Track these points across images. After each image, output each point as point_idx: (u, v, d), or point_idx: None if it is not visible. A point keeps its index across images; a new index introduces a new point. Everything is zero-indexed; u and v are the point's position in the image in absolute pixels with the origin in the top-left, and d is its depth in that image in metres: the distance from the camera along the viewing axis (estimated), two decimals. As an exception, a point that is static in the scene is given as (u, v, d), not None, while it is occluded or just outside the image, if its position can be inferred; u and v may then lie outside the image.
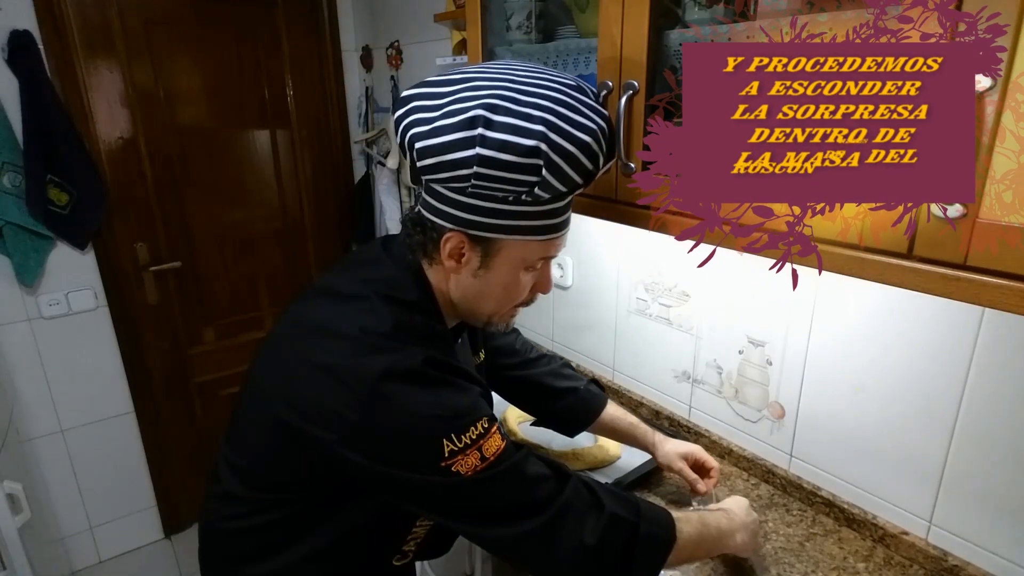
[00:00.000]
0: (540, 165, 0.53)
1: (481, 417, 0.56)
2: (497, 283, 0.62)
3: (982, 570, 0.75)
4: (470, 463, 0.54)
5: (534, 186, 0.54)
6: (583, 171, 0.56)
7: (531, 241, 0.60)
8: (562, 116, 0.53)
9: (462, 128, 0.52)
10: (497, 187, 0.55)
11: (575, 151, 0.54)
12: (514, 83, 0.55)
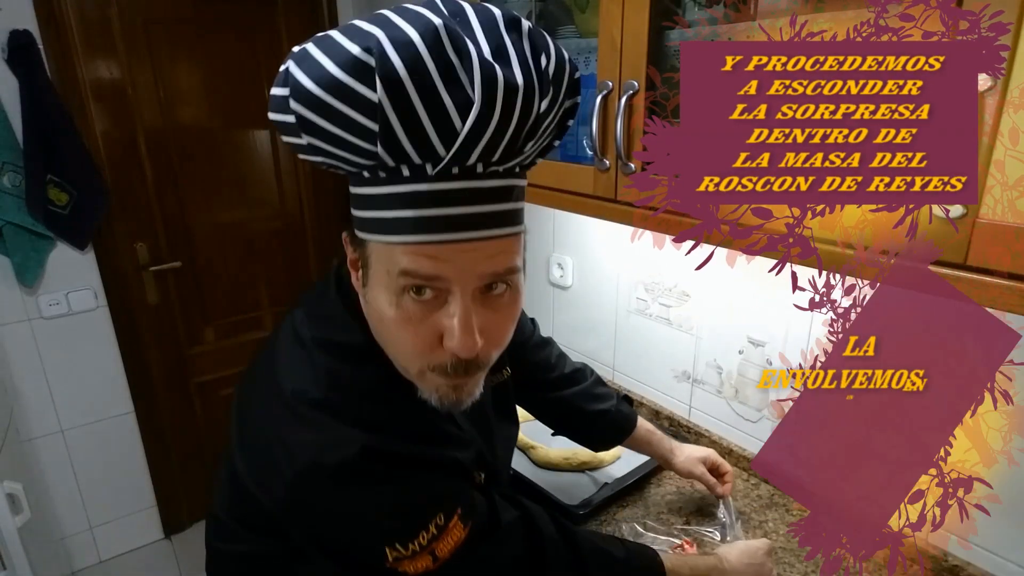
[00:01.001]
0: (359, 95, 0.35)
1: (434, 515, 0.46)
2: (378, 309, 0.44)
3: (982, 570, 0.75)
4: (420, 565, 0.46)
5: (370, 141, 0.37)
6: (360, 106, 0.36)
7: (389, 244, 0.40)
8: (390, 22, 0.36)
9: (278, 84, 0.39)
10: (331, 149, 0.39)
11: (321, 85, 0.36)
12: None
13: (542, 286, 1.40)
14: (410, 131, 0.36)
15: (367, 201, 0.41)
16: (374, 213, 0.41)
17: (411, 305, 0.42)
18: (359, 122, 0.36)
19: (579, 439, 0.92)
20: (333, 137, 0.38)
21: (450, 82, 0.35)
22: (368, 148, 0.37)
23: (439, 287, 0.41)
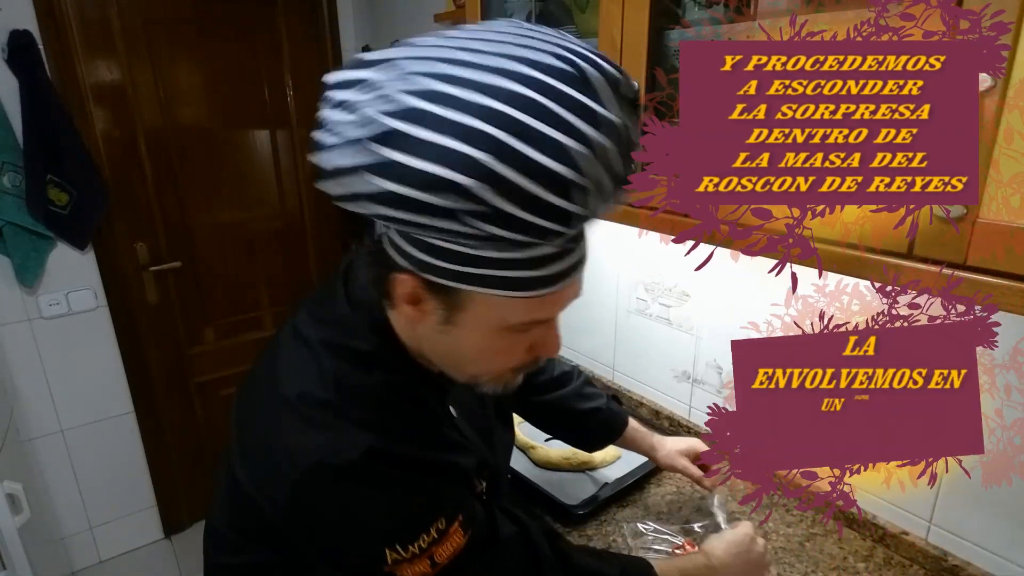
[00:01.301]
0: (456, 210, 0.36)
1: (435, 519, 0.46)
2: (470, 344, 0.47)
3: (982, 570, 0.75)
4: (418, 570, 0.46)
5: (467, 237, 0.38)
6: (545, 211, 0.36)
7: (511, 298, 0.42)
8: (511, 124, 0.34)
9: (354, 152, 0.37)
10: (425, 224, 0.38)
11: (523, 183, 0.35)
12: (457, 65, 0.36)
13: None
14: None
15: (482, 263, 0.40)
16: (486, 272, 0.41)
17: (516, 337, 0.47)
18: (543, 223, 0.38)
19: (571, 440, 0.92)
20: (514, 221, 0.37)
21: (616, 177, 0.39)
22: (500, 234, 0.38)
23: (547, 320, 0.47)
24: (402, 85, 0.36)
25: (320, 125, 0.40)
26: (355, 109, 0.38)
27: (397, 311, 0.48)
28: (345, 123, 0.38)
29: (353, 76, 0.40)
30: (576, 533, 0.86)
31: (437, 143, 0.35)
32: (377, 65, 0.39)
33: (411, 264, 0.43)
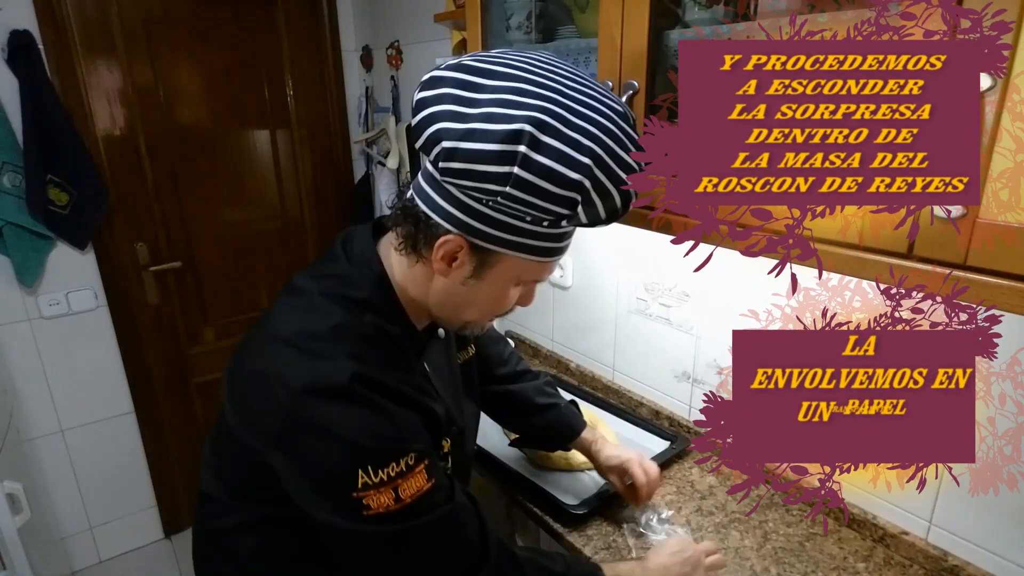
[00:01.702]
0: (578, 200, 0.49)
1: (407, 452, 0.51)
2: (486, 294, 0.58)
3: (982, 570, 0.75)
4: (382, 501, 0.50)
5: (563, 218, 0.51)
6: (613, 211, 0.52)
7: (532, 261, 0.55)
8: (610, 151, 0.48)
9: (503, 140, 0.46)
10: (523, 209, 0.50)
11: (614, 191, 0.50)
12: (564, 96, 0.49)
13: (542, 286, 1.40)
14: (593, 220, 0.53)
15: (529, 234, 0.53)
16: (527, 241, 0.54)
17: (517, 289, 0.60)
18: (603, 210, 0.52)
19: (526, 433, 0.93)
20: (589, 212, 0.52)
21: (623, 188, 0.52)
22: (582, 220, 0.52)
23: None
24: (526, 103, 0.48)
25: (444, 114, 0.49)
26: (479, 106, 0.48)
27: (421, 265, 0.57)
28: (473, 112, 0.48)
29: (459, 76, 0.50)
30: (576, 533, 0.86)
31: (561, 150, 0.48)
32: (485, 74, 0.50)
33: (461, 229, 0.53)
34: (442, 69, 0.51)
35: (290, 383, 0.50)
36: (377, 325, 0.56)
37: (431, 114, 0.49)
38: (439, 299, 0.59)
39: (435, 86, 0.50)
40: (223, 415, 0.60)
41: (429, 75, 0.51)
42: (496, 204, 0.51)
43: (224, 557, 0.64)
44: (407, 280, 0.59)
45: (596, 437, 0.89)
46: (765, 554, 0.82)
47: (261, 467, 0.54)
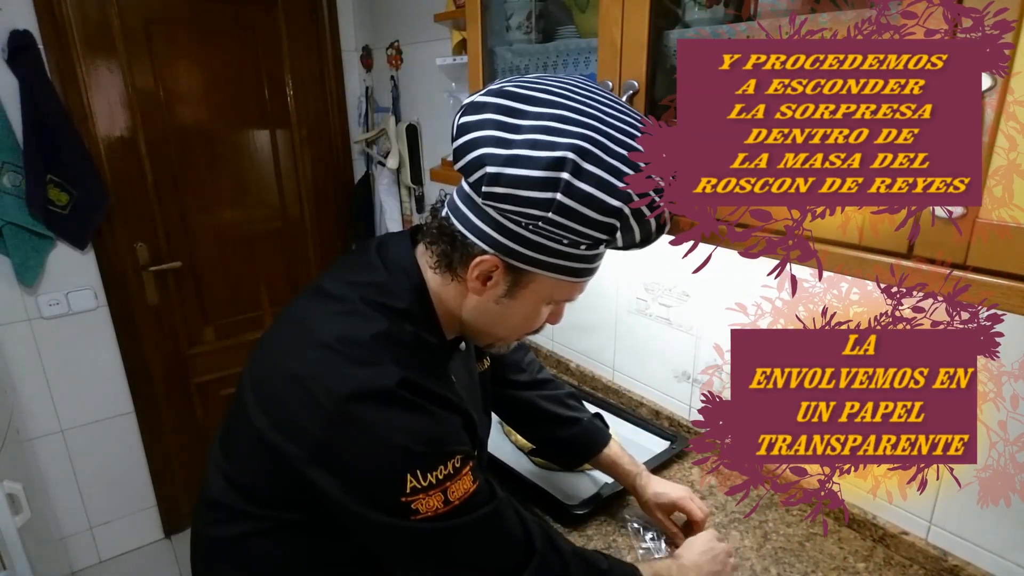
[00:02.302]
0: (617, 226, 0.50)
1: (454, 454, 0.52)
2: (518, 313, 0.59)
3: (982, 570, 0.75)
4: (431, 504, 0.51)
5: (601, 243, 0.52)
6: (648, 235, 0.53)
7: (565, 281, 0.57)
8: None
9: (546, 167, 0.48)
10: (562, 234, 0.51)
11: (652, 218, 0.51)
12: (604, 124, 0.50)
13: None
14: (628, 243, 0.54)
15: (564, 256, 0.55)
16: (562, 262, 0.55)
17: (546, 308, 0.61)
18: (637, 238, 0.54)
19: (549, 446, 0.90)
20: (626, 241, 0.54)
21: None
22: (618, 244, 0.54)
23: None
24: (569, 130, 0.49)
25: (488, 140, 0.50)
26: (523, 133, 0.50)
27: (456, 283, 0.58)
28: (516, 138, 0.49)
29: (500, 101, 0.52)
30: (576, 533, 0.86)
31: (602, 178, 0.49)
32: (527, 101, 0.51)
33: (498, 249, 0.54)
34: (484, 95, 0.53)
35: (335, 388, 0.50)
36: (416, 334, 0.56)
37: (474, 139, 0.50)
38: (472, 316, 0.60)
39: (478, 111, 0.51)
40: (241, 418, 0.58)
41: (471, 100, 0.53)
42: (536, 228, 0.52)
43: (232, 564, 0.63)
44: (442, 294, 0.60)
45: (640, 470, 0.85)
46: (765, 554, 0.82)
47: (289, 473, 0.53)
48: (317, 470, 0.52)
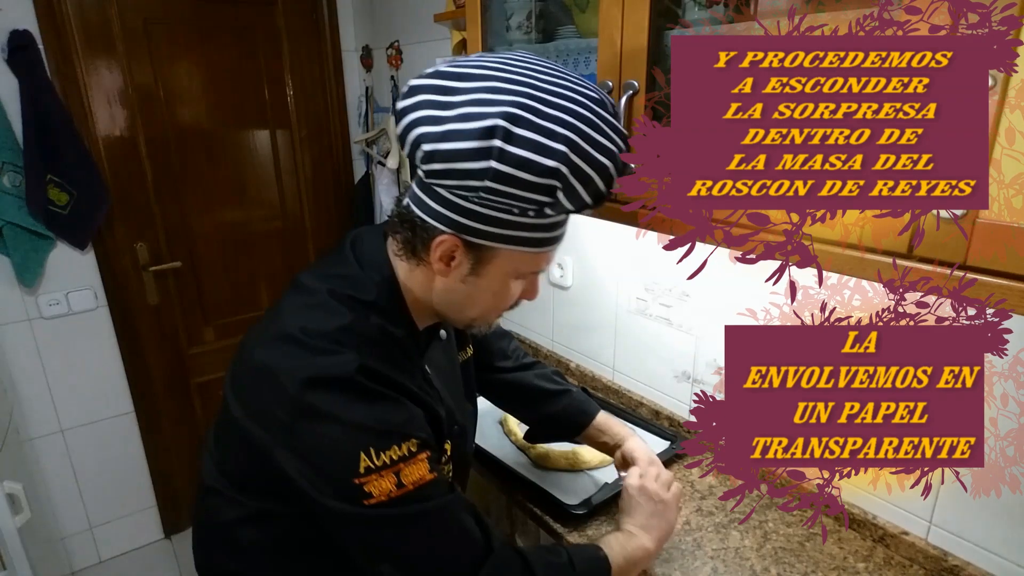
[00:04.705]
0: (557, 187, 0.50)
1: (408, 438, 0.53)
2: (486, 291, 0.59)
3: (982, 570, 0.75)
4: (384, 487, 0.51)
5: (545, 206, 0.52)
6: (597, 194, 0.53)
7: (527, 253, 0.57)
8: (585, 136, 0.50)
9: (478, 137, 0.48)
10: (506, 202, 0.52)
11: (593, 174, 0.51)
12: (536, 90, 0.50)
13: (542, 286, 1.40)
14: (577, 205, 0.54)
15: (518, 226, 0.55)
16: (518, 233, 0.55)
17: (517, 283, 0.61)
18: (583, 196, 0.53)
19: (543, 422, 0.90)
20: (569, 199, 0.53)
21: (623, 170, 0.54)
22: (566, 206, 0.53)
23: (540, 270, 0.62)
24: (500, 100, 0.49)
25: (425, 120, 0.51)
26: (456, 107, 0.50)
27: (422, 268, 0.59)
28: (451, 114, 0.50)
29: (438, 83, 0.52)
30: (576, 533, 0.86)
31: (534, 140, 0.48)
32: (460, 78, 0.52)
33: (454, 228, 0.55)
34: (420, 78, 0.53)
35: (297, 375, 0.52)
36: (381, 326, 0.58)
37: (411, 121, 0.51)
38: (442, 299, 0.61)
39: (414, 94, 0.52)
40: (226, 409, 0.61)
41: (408, 84, 0.54)
42: (481, 199, 0.52)
43: (227, 550, 0.65)
44: (411, 283, 0.61)
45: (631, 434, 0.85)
46: (765, 554, 0.81)
47: (265, 461, 0.55)
48: (283, 452, 0.54)
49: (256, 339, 0.59)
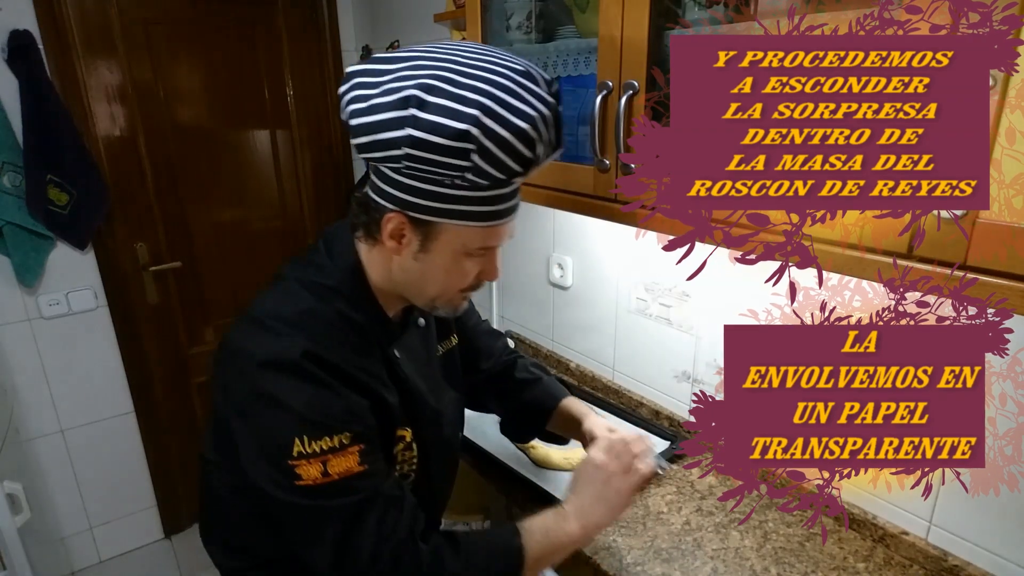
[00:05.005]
0: (470, 150, 0.51)
1: (342, 431, 0.55)
2: (438, 267, 0.61)
3: (982, 570, 0.75)
4: (312, 473, 0.54)
5: (466, 171, 0.53)
6: (519, 158, 0.54)
7: (471, 227, 0.58)
8: (499, 100, 0.51)
9: (395, 108, 0.51)
10: (430, 169, 0.53)
11: (509, 137, 0.52)
12: (456, 63, 0.53)
13: (542, 286, 1.40)
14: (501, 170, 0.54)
15: (456, 200, 0.56)
16: (457, 207, 0.56)
17: (471, 261, 0.61)
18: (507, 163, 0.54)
19: (511, 416, 0.89)
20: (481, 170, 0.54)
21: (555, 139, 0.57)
22: (489, 171, 0.54)
23: (492, 248, 0.62)
24: (417, 74, 0.52)
25: (356, 99, 0.54)
26: (381, 85, 0.53)
27: (379, 248, 0.62)
28: (376, 92, 0.53)
29: (371, 67, 0.56)
30: (575, 536, 0.86)
31: (446, 105, 0.51)
32: (389, 62, 0.55)
33: (399, 205, 0.57)
34: (356, 64, 0.58)
35: (254, 356, 0.57)
36: (340, 311, 0.61)
37: (345, 102, 0.55)
38: (400, 278, 0.63)
39: (348, 79, 0.56)
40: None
41: (346, 71, 0.58)
42: (410, 171, 0.54)
43: (221, 519, 0.71)
44: (372, 266, 0.64)
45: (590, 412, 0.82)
46: (765, 554, 0.81)
47: (227, 433, 0.60)
48: (236, 423, 0.59)
49: (234, 322, 0.63)
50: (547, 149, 0.56)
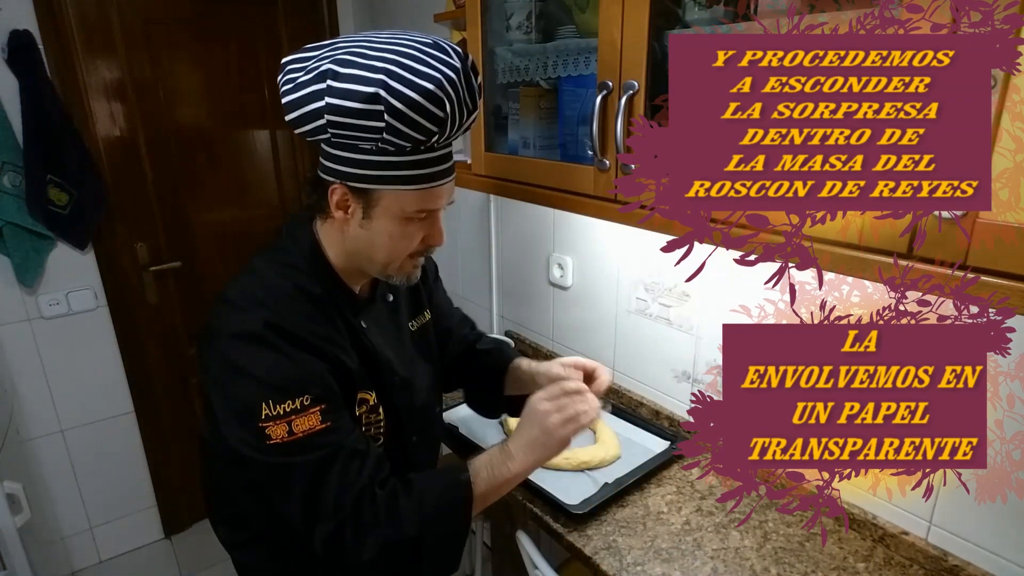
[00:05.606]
0: (381, 111, 0.56)
1: (302, 394, 0.61)
2: (383, 233, 0.65)
3: (982, 570, 0.75)
4: (279, 432, 0.60)
5: (382, 131, 0.57)
6: (431, 117, 0.58)
7: (406, 191, 0.63)
8: (404, 65, 0.57)
9: (314, 82, 0.57)
10: (351, 135, 0.58)
11: (416, 96, 0.56)
12: (368, 42, 0.59)
13: (542, 286, 1.40)
14: (417, 131, 0.59)
15: (385, 166, 0.61)
16: (389, 172, 0.61)
17: (413, 226, 0.66)
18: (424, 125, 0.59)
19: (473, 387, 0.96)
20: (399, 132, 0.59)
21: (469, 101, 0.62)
22: (405, 131, 0.58)
23: (431, 211, 0.66)
24: (335, 53, 0.59)
25: (286, 82, 0.60)
26: (306, 66, 0.60)
27: (331, 222, 0.68)
28: (301, 72, 0.60)
29: (301, 55, 0.62)
30: (576, 533, 0.86)
31: (357, 74, 0.57)
32: (316, 48, 0.62)
33: (338, 177, 0.63)
34: (289, 54, 0.62)
35: (222, 330, 0.63)
36: (299, 284, 0.67)
37: (280, 87, 0.61)
38: (351, 248, 0.68)
39: (282, 69, 0.62)
40: None
41: (281, 63, 0.63)
42: (339, 140, 0.60)
43: (221, 494, 0.77)
44: (327, 241, 0.70)
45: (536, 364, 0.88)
46: (765, 554, 0.81)
47: (210, 405, 0.66)
48: (214, 395, 0.65)
49: (212, 306, 0.69)
50: (460, 108, 0.60)
